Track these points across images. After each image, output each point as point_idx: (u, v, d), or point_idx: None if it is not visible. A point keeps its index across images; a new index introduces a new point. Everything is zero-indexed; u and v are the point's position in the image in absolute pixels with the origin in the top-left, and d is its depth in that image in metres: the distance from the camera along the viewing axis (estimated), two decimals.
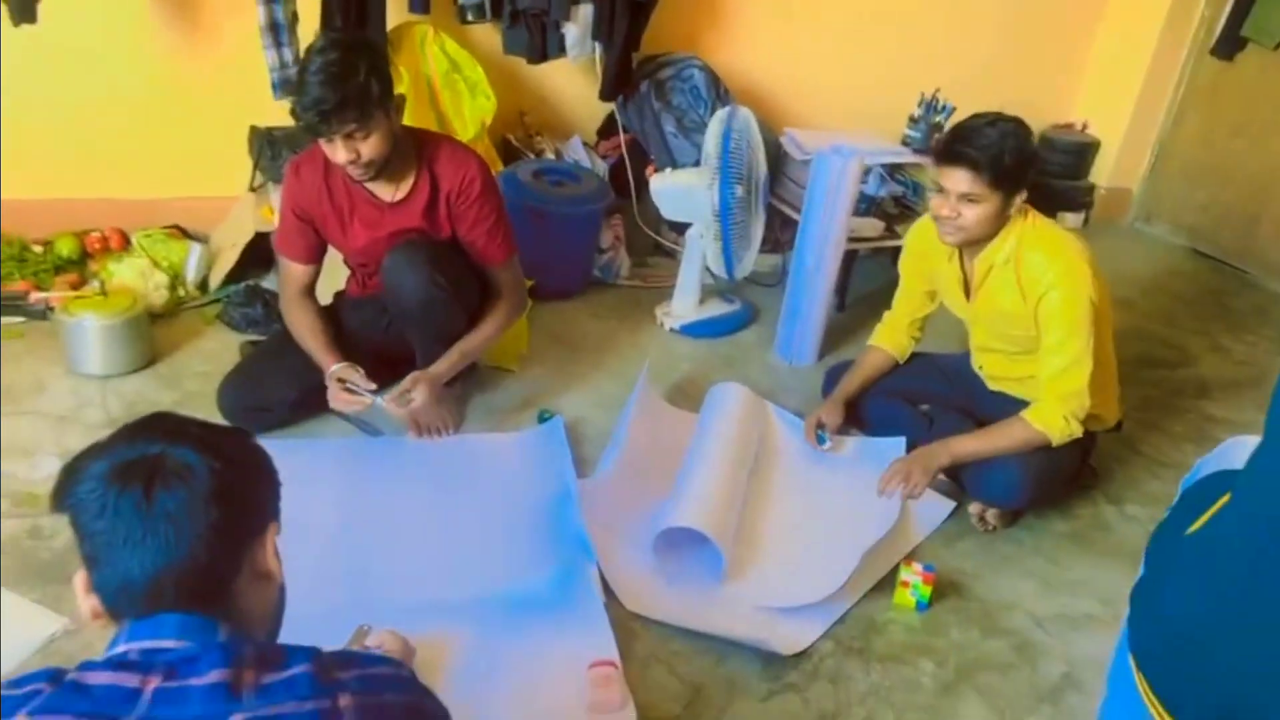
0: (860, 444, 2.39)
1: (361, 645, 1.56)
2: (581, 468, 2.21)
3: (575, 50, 3.08)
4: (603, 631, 1.75)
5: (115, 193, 2.97)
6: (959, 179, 1.98)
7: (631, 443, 2.23)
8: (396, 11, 2.93)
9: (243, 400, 2.20)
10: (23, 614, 1.71)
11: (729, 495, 2.09)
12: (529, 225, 2.68)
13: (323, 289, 2.34)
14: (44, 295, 2.61)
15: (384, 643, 1.55)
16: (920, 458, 2.15)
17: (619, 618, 1.81)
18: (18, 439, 2.14)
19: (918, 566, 1.95)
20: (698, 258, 2.92)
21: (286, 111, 2.60)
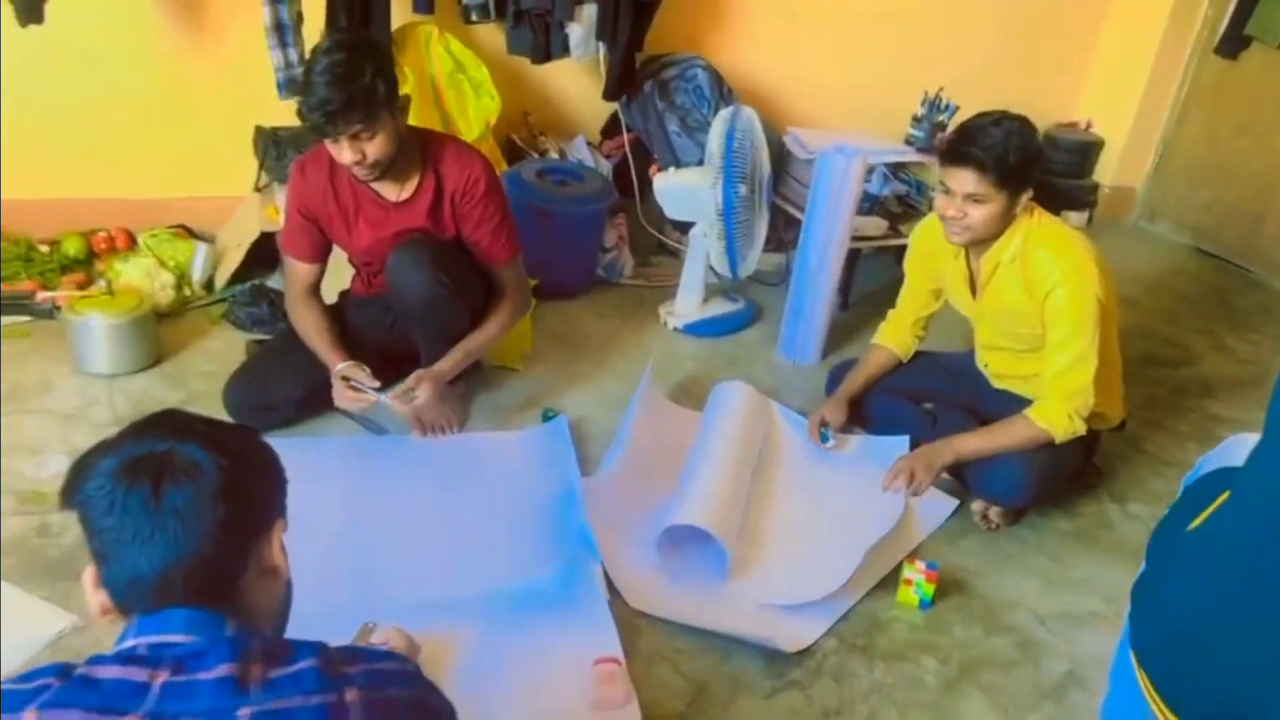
0: (863, 442, 2.40)
1: (367, 642, 1.57)
2: (585, 466, 2.21)
3: (579, 50, 3.09)
4: (607, 629, 1.76)
5: (121, 193, 2.98)
6: (964, 179, 1.97)
7: (635, 441, 2.23)
8: (401, 12, 2.94)
9: (248, 399, 2.21)
10: (31, 611, 1.72)
11: (733, 493, 2.09)
12: (533, 225, 2.69)
13: (328, 288, 2.34)
14: (51, 295, 2.62)
15: (389, 640, 1.55)
16: (924, 456, 2.16)
17: (623, 615, 1.81)
18: (25, 437, 2.16)
19: (921, 564, 1.95)
20: (701, 257, 2.93)
21: (291, 111, 2.62)
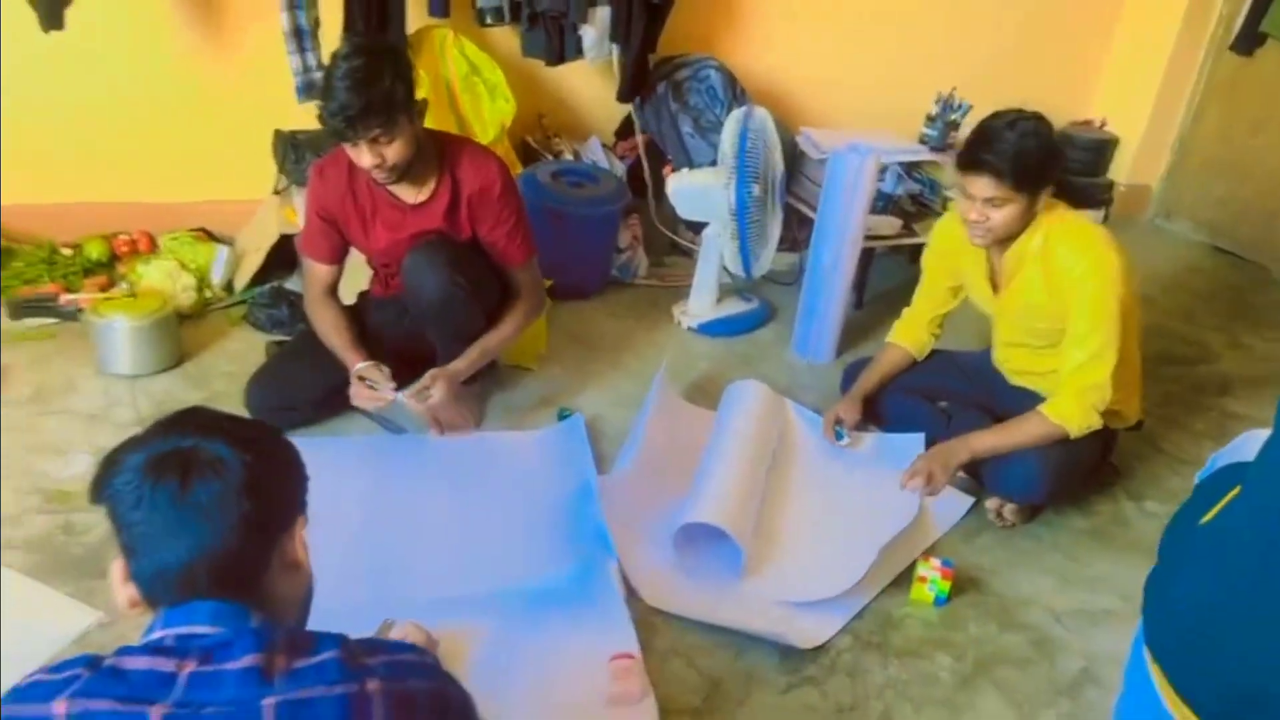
0: (878, 440, 2.40)
1: (386, 638, 1.59)
2: (600, 465, 2.23)
3: (593, 52, 3.10)
4: (623, 625, 1.77)
5: (142, 196, 3.02)
6: (982, 185, 1.97)
7: (650, 440, 2.24)
8: (417, 15, 2.96)
9: (269, 399, 2.24)
10: (57, 607, 1.75)
11: (747, 491, 2.10)
12: (547, 226, 2.71)
13: (346, 289, 2.37)
14: (74, 297, 2.66)
15: (408, 635, 1.58)
16: (939, 455, 2.15)
17: (639, 612, 1.83)
18: (50, 438, 2.19)
19: (936, 562, 1.96)
20: (715, 257, 2.94)
21: (309, 115, 2.64)
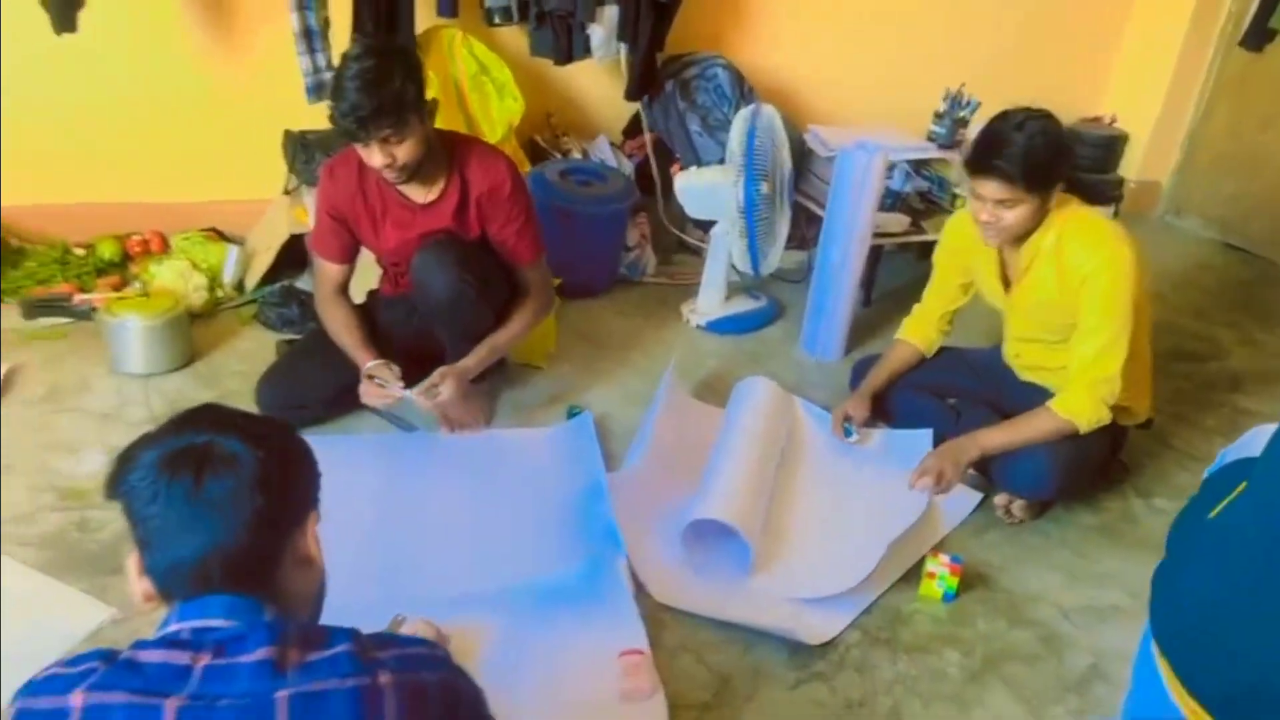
0: (886, 437, 2.40)
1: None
2: (609, 462, 2.24)
3: (601, 51, 3.11)
4: (632, 621, 1.78)
5: (154, 197, 3.04)
6: (992, 188, 1.97)
7: (658, 437, 2.25)
8: (425, 15, 2.98)
9: (279, 398, 2.25)
10: (70, 604, 1.77)
11: (756, 488, 2.11)
12: (556, 224, 2.72)
13: (355, 288, 2.38)
14: (87, 297, 2.68)
15: (418, 631, 1.59)
16: (949, 453, 2.15)
17: (648, 608, 1.83)
18: (64, 436, 2.21)
19: (944, 558, 1.96)
20: (723, 255, 2.94)
21: (319, 115, 2.65)
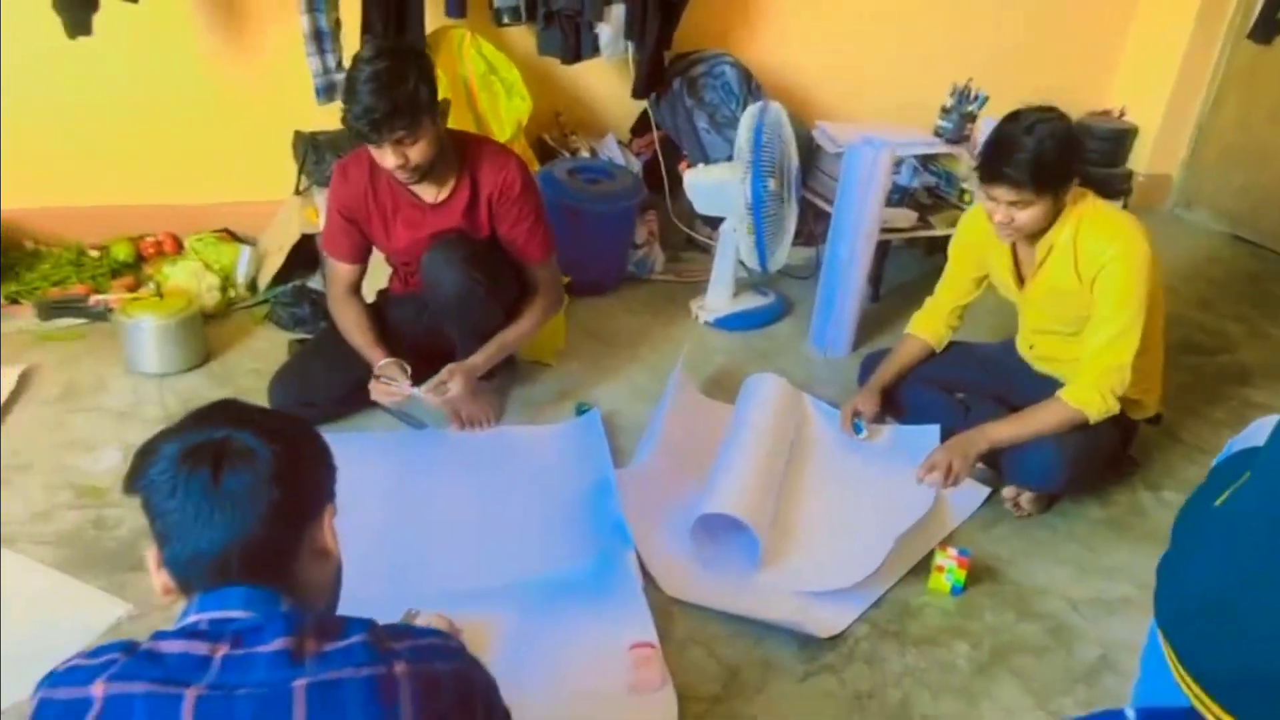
0: (895, 432, 2.41)
1: None
2: (618, 458, 2.25)
3: (608, 50, 3.12)
4: (642, 614, 1.80)
5: (167, 199, 3.07)
6: (1003, 192, 1.98)
7: (667, 433, 2.26)
8: (434, 16, 2.99)
9: (291, 396, 2.27)
10: (88, 600, 1.79)
11: (765, 483, 2.12)
12: (565, 223, 2.73)
13: (366, 287, 2.40)
14: (103, 297, 2.71)
15: (432, 624, 1.60)
16: (958, 446, 2.16)
17: (657, 602, 1.85)
18: (81, 435, 2.24)
19: (952, 551, 1.97)
20: (731, 251, 2.95)
21: (329, 116, 2.68)
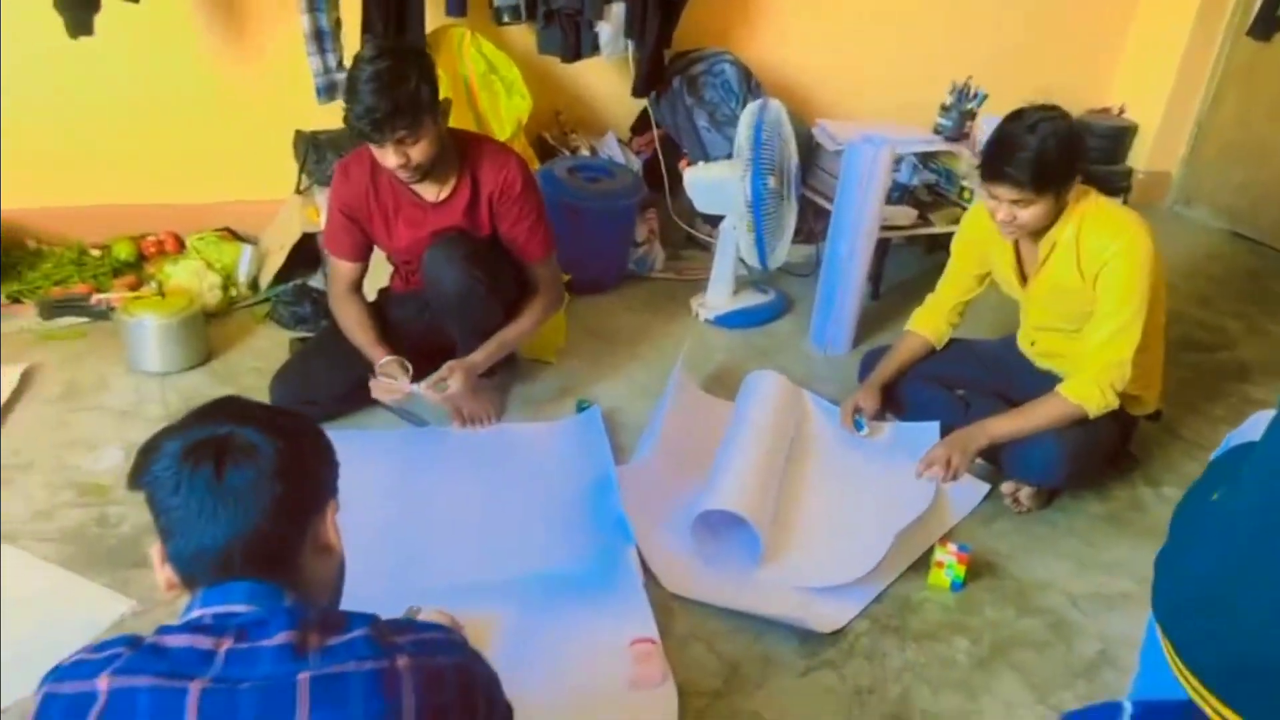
0: (895, 429, 2.41)
1: None
2: (618, 455, 2.26)
3: (608, 48, 3.13)
4: (642, 610, 1.80)
5: (168, 198, 3.07)
6: (1005, 191, 1.98)
7: (668, 430, 2.27)
8: (435, 15, 3.00)
9: (292, 394, 2.28)
10: (92, 597, 1.80)
11: (765, 479, 2.12)
12: (565, 221, 2.73)
13: (367, 285, 2.40)
14: (105, 296, 2.71)
15: (434, 620, 1.61)
16: (958, 441, 2.16)
17: (658, 598, 1.86)
18: (83, 433, 2.25)
19: (952, 547, 1.98)
20: (731, 249, 2.96)
21: (330, 115, 2.69)
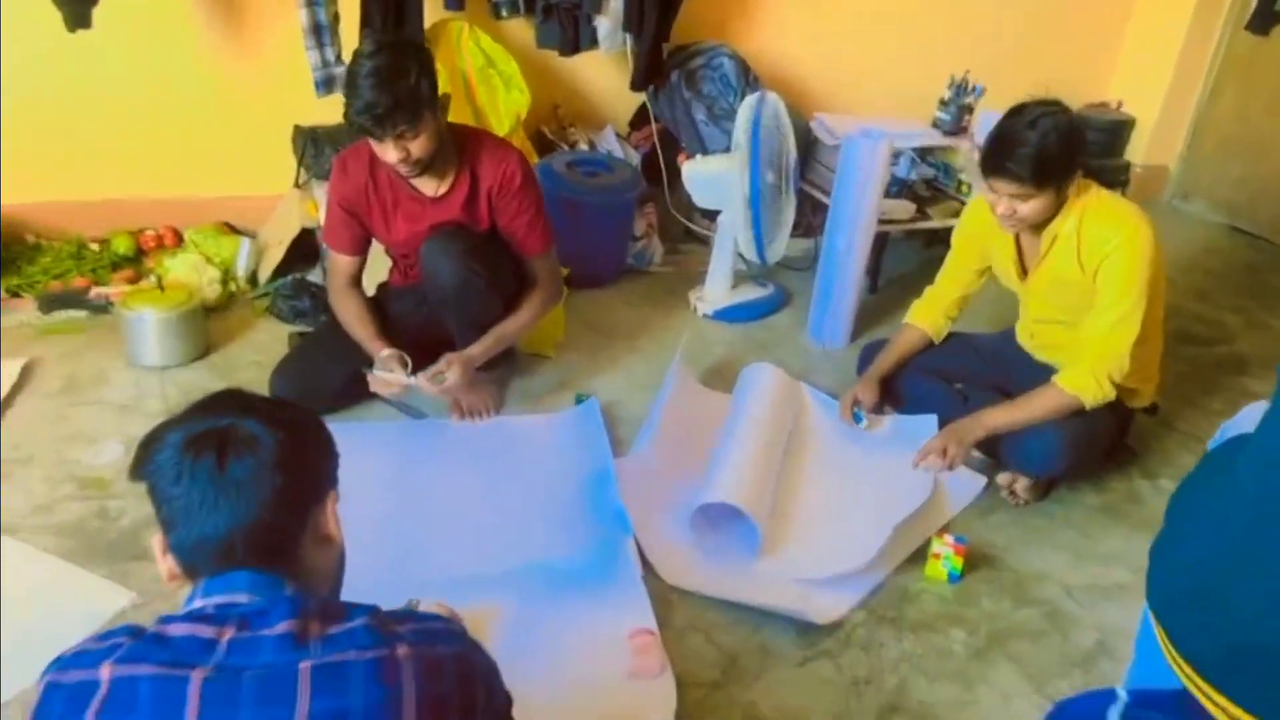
0: (894, 422, 2.42)
1: None
2: (617, 448, 2.27)
3: (607, 42, 3.13)
4: (641, 602, 1.81)
5: (167, 192, 3.07)
6: (1005, 186, 1.99)
7: (666, 423, 2.28)
8: (433, 9, 3.00)
9: (292, 388, 2.28)
10: (92, 589, 1.81)
11: (763, 472, 2.13)
12: (563, 215, 2.74)
13: (366, 280, 2.41)
14: (104, 291, 2.72)
15: (433, 611, 1.62)
16: (955, 432, 2.17)
17: (657, 590, 1.86)
18: (83, 427, 2.25)
19: (949, 539, 1.99)
20: (729, 243, 2.96)
21: (328, 110, 2.69)
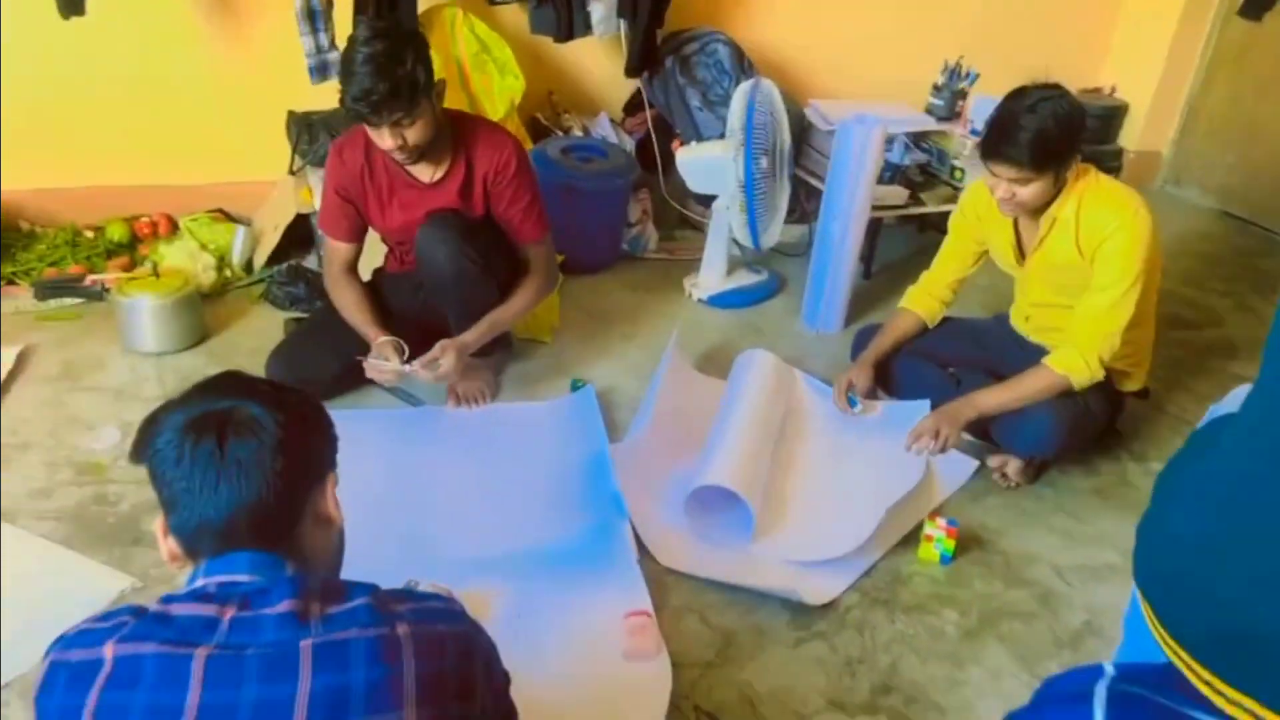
0: (887, 407, 2.44)
1: None
2: (613, 433, 2.28)
3: (601, 28, 3.13)
4: (637, 584, 1.83)
5: (161, 179, 3.07)
6: (1004, 170, 2.00)
7: (661, 408, 2.29)
8: None
9: (288, 374, 2.28)
10: (92, 574, 1.83)
11: (757, 456, 2.15)
12: (558, 201, 2.74)
13: (362, 266, 2.41)
14: (99, 277, 2.72)
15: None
16: (947, 414, 2.18)
17: (652, 572, 1.88)
18: (81, 413, 2.26)
19: (941, 521, 2.01)
20: (724, 229, 2.97)
21: (322, 96, 2.68)
